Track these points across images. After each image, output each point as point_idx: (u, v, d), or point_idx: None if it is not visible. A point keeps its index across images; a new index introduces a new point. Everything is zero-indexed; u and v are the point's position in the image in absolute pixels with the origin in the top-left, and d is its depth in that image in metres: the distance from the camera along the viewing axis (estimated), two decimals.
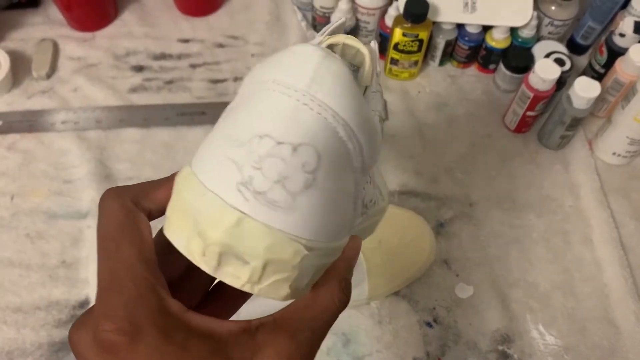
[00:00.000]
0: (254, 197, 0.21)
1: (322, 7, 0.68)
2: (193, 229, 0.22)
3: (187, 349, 0.20)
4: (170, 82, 0.69)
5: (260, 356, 0.21)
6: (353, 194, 0.24)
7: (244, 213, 0.21)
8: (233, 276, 0.22)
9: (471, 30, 0.66)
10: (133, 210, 0.23)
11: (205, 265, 0.22)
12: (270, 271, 0.22)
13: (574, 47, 0.71)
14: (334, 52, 0.27)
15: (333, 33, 0.27)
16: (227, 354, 0.20)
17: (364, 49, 0.26)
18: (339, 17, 0.67)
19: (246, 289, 0.22)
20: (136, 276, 0.21)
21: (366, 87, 0.27)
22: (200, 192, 0.22)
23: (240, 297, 0.29)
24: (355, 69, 0.28)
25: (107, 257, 0.22)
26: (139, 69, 0.70)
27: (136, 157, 0.63)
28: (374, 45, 0.27)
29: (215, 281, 0.29)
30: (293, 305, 0.23)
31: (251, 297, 0.53)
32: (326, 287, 0.24)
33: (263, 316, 0.22)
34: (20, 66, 0.69)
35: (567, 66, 0.63)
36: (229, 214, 0.21)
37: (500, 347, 0.53)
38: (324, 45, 0.26)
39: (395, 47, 0.65)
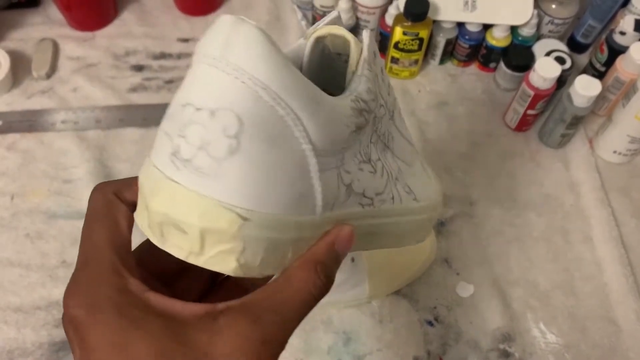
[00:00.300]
0: (183, 165, 0.21)
1: (322, 6, 0.68)
2: (143, 204, 0.23)
3: (141, 326, 0.21)
4: (170, 81, 0.69)
5: (218, 339, 0.21)
6: (305, 167, 0.23)
7: (177, 182, 0.21)
8: (177, 247, 0.22)
9: (471, 28, 0.66)
10: (112, 200, 0.25)
11: (153, 236, 0.23)
12: (210, 242, 0.22)
13: (575, 46, 0.71)
14: (326, 44, 0.28)
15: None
16: (182, 335, 0.21)
17: (348, 36, 0.26)
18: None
19: (191, 260, 0.22)
20: (102, 257, 0.23)
21: (353, 72, 0.27)
22: (148, 168, 0.23)
23: (238, 291, 0.30)
24: (347, 58, 0.28)
25: (83, 242, 0.24)
26: (138, 68, 0.70)
27: (136, 156, 0.63)
28: (366, 34, 0.27)
29: (224, 276, 0.30)
30: (264, 289, 0.23)
31: None
32: (299, 269, 0.24)
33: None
34: (20, 66, 0.69)
35: (568, 64, 0.63)
36: (164, 183, 0.22)
37: (501, 346, 0.53)
38: (312, 37, 0.27)
39: (396, 45, 0.65)
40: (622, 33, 0.62)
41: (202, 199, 0.21)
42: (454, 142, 0.65)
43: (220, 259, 0.22)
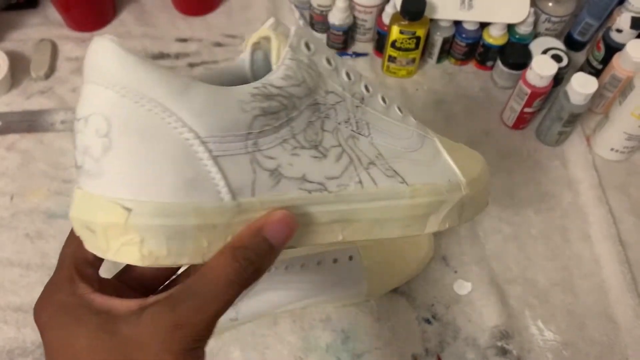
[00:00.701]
0: (80, 172, 0.25)
1: (319, 6, 0.68)
2: None
3: (82, 323, 0.24)
4: None
5: (140, 328, 0.23)
6: (191, 154, 0.24)
7: (80, 188, 0.25)
8: (93, 246, 0.25)
9: (468, 27, 0.67)
10: None
11: (83, 242, 0.26)
12: (112, 236, 0.24)
13: (572, 44, 0.71)
14: (265, 51, 0.30)
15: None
16: (114, 327, 0.23)
17: (270, 32, 0.28)
18: (335, 16, 0.67)
19: (103, 256, 0.25)
20: (64, 269, 0.27)
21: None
22: None
23: None
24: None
25: (59, 257, 0.28)
26: None
27: None
28: (293, 28, 0.29)
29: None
30: (190, 278, 0.25)
31: (249, 295, 0.53)
32: (218, 256, 0.25)
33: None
34: (19, 67, 0.69)
35: (565, 62, 0.63)
36: (74, 192, 0.25)
37: (499, 343, 0.53)
38: (247, 47, 0.29)
39: (393, 44, 0.65)
40: (619, 30, 0.62)
41: (94, 198, 0.24)
42: (451, 140, 0.65)
43: (124, 252, 0.24)
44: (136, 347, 0.23)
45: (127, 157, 0.24)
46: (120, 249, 0.24)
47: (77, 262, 0.27)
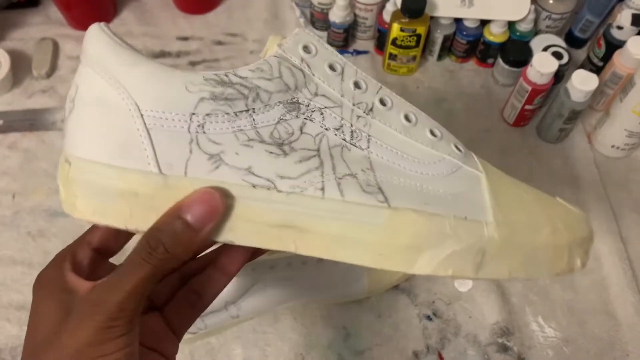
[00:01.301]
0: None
1: (320, 4, 0.69)
2: None
3: (51, 296, 0.27)
4: None
5: (78, 307, 0.25)
6: (129, 122, 0.27)
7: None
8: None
9: (469, 24, 0.67)
10: None
11: None
12: (63, 188, 0.28)
13: (573, 41, 0.71)
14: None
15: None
16: (69, 304, 0.26)
17: (272, 36, 0.31)
18: (336, 14, 0.67)
19: (62, 207, 0.28)
20: (66, 247, 0.29)
21: None
22: None
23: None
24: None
25: None
26: None
27: None
28: (299, 30, 0.30)
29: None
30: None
31: (250, 292, 0.53)
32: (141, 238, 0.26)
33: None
34: (20, 65, 0.69)
35: (565, 59, 0.63)
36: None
37: (499, 340, 0.53)
38: (268, 52, 0.30)
39: (394, 42, 0.65)
40: (620, 27, 0.62)
41: (62, 154, 0.28)
42: None
43: (68, 204, 0.28)
44: (70, 323, 0.25)
45: (80, 118, 0.27)
46: (67, 200, 0.27)
47: (78, 242, 0.29)
